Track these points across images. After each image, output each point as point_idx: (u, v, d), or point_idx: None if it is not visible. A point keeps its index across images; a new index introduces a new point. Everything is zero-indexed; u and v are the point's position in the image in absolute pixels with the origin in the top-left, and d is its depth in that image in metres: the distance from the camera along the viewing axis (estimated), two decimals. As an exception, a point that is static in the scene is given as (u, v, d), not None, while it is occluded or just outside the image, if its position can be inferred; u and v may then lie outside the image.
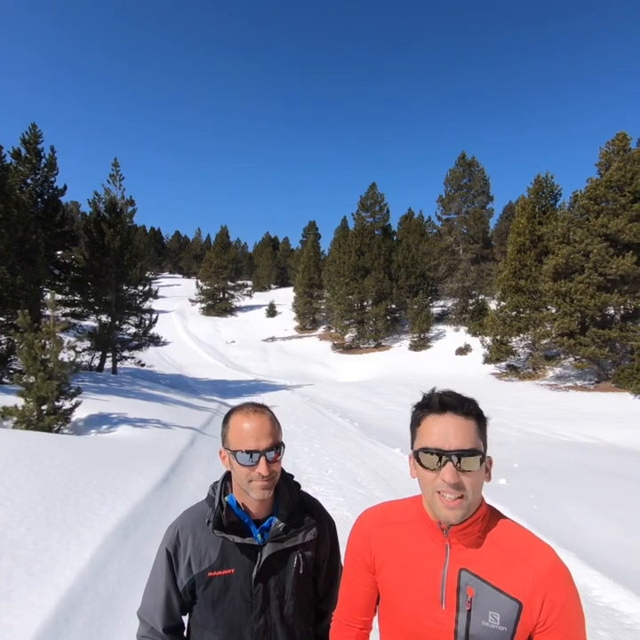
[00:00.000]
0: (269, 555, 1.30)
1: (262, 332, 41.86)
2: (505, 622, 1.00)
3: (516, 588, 1.01)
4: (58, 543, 3.28)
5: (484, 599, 1.02)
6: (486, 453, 1.06)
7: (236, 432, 1.29)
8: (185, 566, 1.31)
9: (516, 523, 1.12)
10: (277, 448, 1.30)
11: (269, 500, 1.35)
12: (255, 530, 1.33)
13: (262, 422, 1.30)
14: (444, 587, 1.05)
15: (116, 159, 20.18)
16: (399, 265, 34.65)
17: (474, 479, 1.01)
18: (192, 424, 9.37)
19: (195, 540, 1.32)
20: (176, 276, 78.36)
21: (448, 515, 1.02)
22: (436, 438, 1.02)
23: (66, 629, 2.46)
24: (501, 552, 1.05)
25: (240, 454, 1.26)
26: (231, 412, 1.36)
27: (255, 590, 1.30)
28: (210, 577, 1.29)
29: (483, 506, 1.08)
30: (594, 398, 16.72)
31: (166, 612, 1.32)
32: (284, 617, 1.33)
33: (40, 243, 14.45)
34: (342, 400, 17.14)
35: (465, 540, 1.06)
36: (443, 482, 1.00)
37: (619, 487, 7.05)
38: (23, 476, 4.38)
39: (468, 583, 1.04)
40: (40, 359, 7.42)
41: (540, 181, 23.93)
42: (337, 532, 1.51)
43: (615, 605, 3.60)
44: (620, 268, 17.32)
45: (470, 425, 1.03)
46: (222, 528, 1.28)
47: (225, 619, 1.30)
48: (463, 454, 1.00)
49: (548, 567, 1.02)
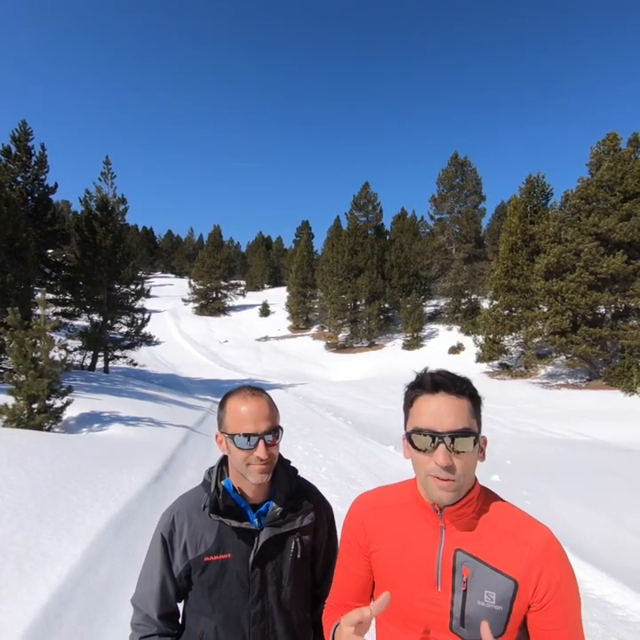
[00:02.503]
0: (267, 539, 1.29)
1: (255, 331, 41.74)
2: (501, 601, 0.99)
3: (512, 567, 1.00)
4: (49, 540, 3.25)
5: (479, 579, 1.01)
6: (480, 433, 1.05)
7: (234, 415, 1.28)
8: (180, 552, 1.29)
9: (510, 503, 1.11)
10: (275, 432, 1.29)
11: (266, 484, 1.33)
12: (252, 514, 1.31)
13: (260, 405, 1.28)
14: (439, 568, 1.04)
15: (107, 157, 20.12)
16: (392, 264, 34.71)
17: (467, 460, 1.00)
18: (185, 422, 9.33)
19: (190, 526, 1.30)
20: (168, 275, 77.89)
21: (441, 495, 1.01)
22: (428, 419, 1.00)
23: (57, 625, 2.43)
24: (496, 531, 1.04)
25: (238, 437, 1.25)
26: (228, 395, 1.34)
27: (252, 575, 1.29)
28: (206, 562, 1.27)
29: (476, 486, 1.07)
30: (585, 396, 16.85)
31: (161, 598, 1.30)
32: (282, 602, 1.32)
33: (30, 241, 14.31)
34: (336, 399, 17.14)
35: (459, 521, 1.05)
36: (435, 464, 0.98)
37: (610, 483, 7.12)
38: (13, 473, 4.33)
39: (463, 563, 1.02)
40: (31, 357, 7.34)
41: (531, 181, 24.09)
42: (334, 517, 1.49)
43: (608, 598, 3.63)
44: (610, 267, 17.46)
45: (464, 404, 1.01)
46: (218, 512, 1.27)
47: (222, 604, 1.28)
48: (457, 435, 0.98)
49: (543, 545, 1.01)
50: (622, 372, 16.60)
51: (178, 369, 26.75)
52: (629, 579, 3.88)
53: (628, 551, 4.55)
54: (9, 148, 18.67)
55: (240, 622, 1.29)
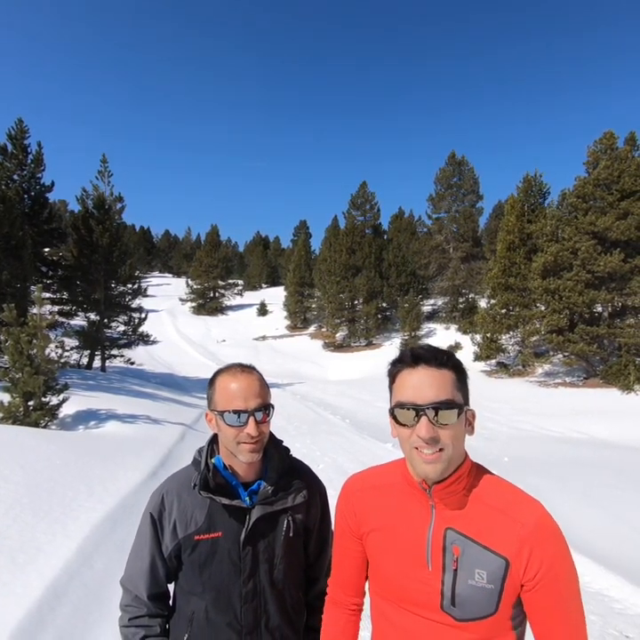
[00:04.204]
0: (258, 517, 1.27)
1: (253, 331, 41.67)
2: (492, 580, 0.97)
3: (503, 545, 0.98)
4: (43, 534, 3.22)
5: (470, 557, 0.99)
6: (468, 406, 1.03)
7: (223, 392, 1.26)
8: (170, 530, 1.27)
9: (503, 479, 1.09)
10: (266, 409, 1.27)
11: (258, 463, 1.31)
12: (243, 492, 1.29)
13: (250, 382, 1.26)
14: (429, 547, 1.02)
15: (104, 155, 20.01)
16: (390, 263, 34.71)
17: (452, 432, 0.98)
18: (182, 420, 9.30)
19: (180, 504, 1.28)
20: (166, 275, 77.77)
21: (427, 469, 0.99)
22: (410, 392, 0.99)
23: (50, 617, 2.40)
24: (487, 509, 1.02)
25: (228, 415, 1.23)
26: (217, 373, 1.32)
27: (243, 554, 1.27)
28: (196, 540, 1.25)
29: (466, 462, 1.05)
30: (582, 394, 16.87)
31: (151, 578, 1.28)
32: (274, 581, 1.30)
33: (27, 239, 14.26)
34: (334, 398, 17.13)
35: (450, 499, 1.03)
36: (418, 437, 0.97)
37: (606, 479, 7.12)
38: (8, 468, 4.31)
39: (453, 542, 1.01)
40: (26, 354, 7.30)
41: (529, 180, 24.10)
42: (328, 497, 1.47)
43: (605, 591, 3.63)
44: (607, 266, 17.48)
45: (445, 376, 1.00)
46: (209, 490, 1.25)
47: (212, 583, 1.26)
48: (440, 407, 0.96)
49: (535, 522, 0.99)
50: (619, 371, 16.63)
51: (175, 368, 26.68)
52: (627, 572, 3.88)
53: (625, 545, 4.55)
54: (5, 146, 18.61)
55: (231, 601, 1.26)
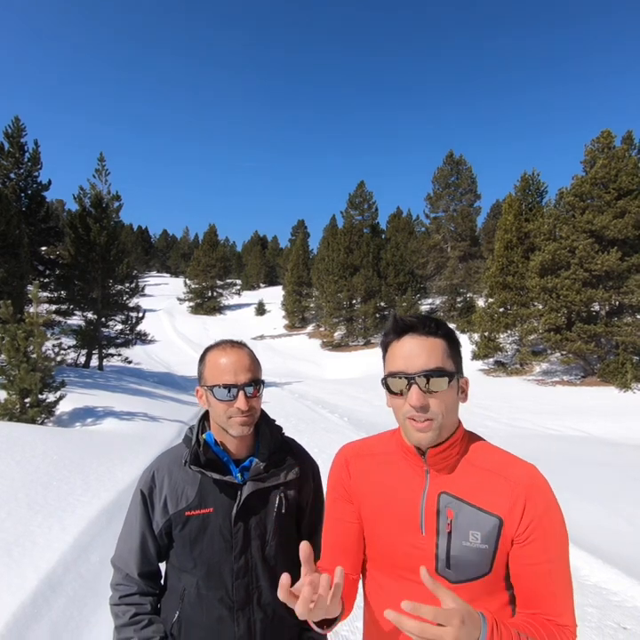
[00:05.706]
0: (250, 493, 1.26)
1: (251, 330, 41.63)
2: (486, 540, 0.98)
3: (496, 505, 0.99)
4: (39, 527, 3.20)
5: (463, 519, 1.00)
6: (460, 374, 1.03)
7: (213, 367, 1.25)
8: (161, 507, 1.26)
9: (496, 446, 1.10)
10: (257, 384, 1.26)
11: (249, 439, 1.31)
12: (235, 469, 1.29)
13: (240, 357, 1.26)
14: (422, 512, 1.03)
15: (101, 153, 19.98)
16: (388, 263, 34.72)
17: (443, 400, 0.98)
18: (180, 417, 9.28)
19: (171, 481, 1.27)
20: (164, 275, 77.65)
21: (419, 437, 0.99)
22: (400, 362, 0.99)
23: (45, 609, 2.39)
24: (481, 471, 1.03)
25: (217, 389, 1.22)
26: (207, 349, 1.32)
27: (235, 530, 1.26)
28: (187, 516, 1.24)
29: (460, 429, 1.06)
30: (580, 393, 16.91)
31: (142, 556, 1.27)
32: (266, 557, 1.29)
33: (23, 237, 14.21)
34: (332, 396, 17.12)
35: (444, 464, 1.04)
36: (411, 407, 0.97)
37: (604, 475, 7.14)
38: (4, 464, 4.29)
39: (447, 505, 1.01)
40: (23, 351, 7.27)
41: (526, 179, 24.14)
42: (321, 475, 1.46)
43: (603, 584, 3.63)
44: (605, 264, 17.52)
45: (435, 343, 1.00)
46: (199, 464, 1.24)
47: (203, 559, 1.25)
48: (431, 375, 0.97)
49: (527, 480, 1.00)
50: (617, 369, 16.68)
51: (173, 367, 26.64)
52: (624, 565, 3.88)
53: (622, 539, 4.55)
54: (2, 145, 18.54)
55: (223, 577, 1.25)
